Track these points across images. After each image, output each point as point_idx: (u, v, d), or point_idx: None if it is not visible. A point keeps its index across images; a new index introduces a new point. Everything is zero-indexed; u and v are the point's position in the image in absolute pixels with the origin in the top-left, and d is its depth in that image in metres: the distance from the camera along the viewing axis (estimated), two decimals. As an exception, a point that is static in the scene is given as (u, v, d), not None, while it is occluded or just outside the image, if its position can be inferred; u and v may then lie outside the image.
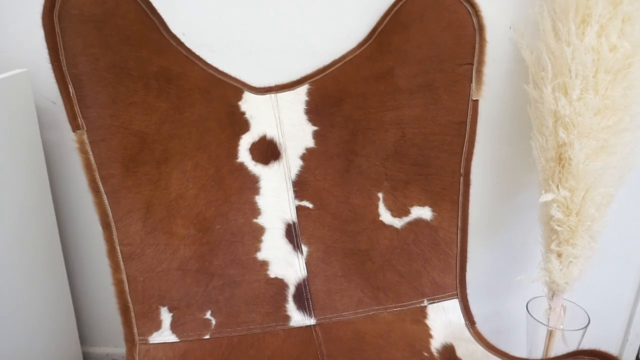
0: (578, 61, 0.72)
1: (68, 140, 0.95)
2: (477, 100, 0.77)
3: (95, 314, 1.12)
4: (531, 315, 0.92)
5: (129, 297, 0.67)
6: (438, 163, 0.79)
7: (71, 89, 0.64)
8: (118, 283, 0.66)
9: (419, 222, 0.79)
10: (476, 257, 1.00)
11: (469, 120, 0.77)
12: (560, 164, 0.82)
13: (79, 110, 0.62)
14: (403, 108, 0.79)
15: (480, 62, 0.75)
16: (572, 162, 0.79)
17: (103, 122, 0.64)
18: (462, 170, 0.77)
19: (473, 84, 0.76)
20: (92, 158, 0.64)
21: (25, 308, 0.89)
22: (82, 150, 0.64)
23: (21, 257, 0.87)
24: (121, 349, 1.13)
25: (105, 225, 0.66)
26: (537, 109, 0.84)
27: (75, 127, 0.63)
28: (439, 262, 0.78)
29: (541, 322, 0.90)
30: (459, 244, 0.78)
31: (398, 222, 0.80)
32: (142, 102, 0.69)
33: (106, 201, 0.65)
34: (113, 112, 0.66)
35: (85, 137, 0.63)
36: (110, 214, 0.66)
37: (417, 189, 0.80)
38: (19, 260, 0.87)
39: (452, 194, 0.78)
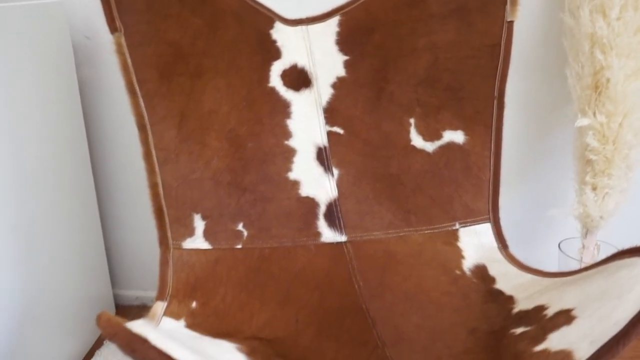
0: (617, -23, 0.71)
1: (103, 77, 0.97)
2: (512, 22, 0.76)
3: (126, 258, 1.13)
4: (564, 253, 0.90)
5: (163, 200, 0.67)
6: (471, 87, 0.78)
7: (109, -6, 0.66)
8: (153, 186, 0.67)
9: (451, 146, 0.78)
10: (506, 199, 0.98)
11: (503, 42, 0.76)
12: (596, 91, 0.81)
13: (117, 13, 0.64)
14: (436, 33, 0.79)
15: (515, -18, 0.74)
16: (609, 85, 0.78)
17: (140, 27, 0.65)
18: (496, 93, 0.77)
19: (508, 5, 0.76)
20: (129, 60, 0.65)
21: (60, 251, 0.91)
22: (120, 52, 0.65)
23: (55, 198, 0.89)
24: (150, 293, 1.14)
25: (141, 127, 0.67)
26: (573, 37, 0.82)
27: (113, 29, 0.64)
28: (471, 186, 0.77)
29: (574, 259, 0.88)
30: (491, 168, 0.77)
31: (430, 146, 0.79)
32: (177, 16, 0.70)
33: (142, 103, 0.66)
34: (149, 19, 0.67)
35: (122, 39, 0.64)
36: (146, 116, 0.67)
37: (449, 113, 0.79)
38: (53, 202, 0.88)
39: (485, 117, 0.78)
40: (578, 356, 0.47)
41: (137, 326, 0.36)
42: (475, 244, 0.76)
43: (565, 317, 0.53)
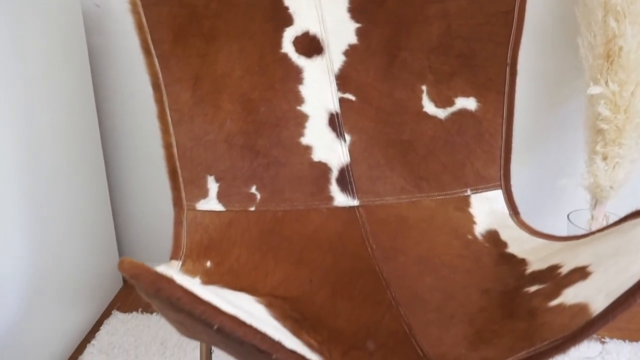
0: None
1: (113, 45, 0.97)
2: (525, -13, 0.76)
3: (134, 231, 1.14)
4: (573, 224, 0.90)
5: (177, 161, 0.67)
6: (484, 54, 0.78)
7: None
8: (167, 146, 0.67)
9: (463, 112, 0.78)
10: (515, 170, 0.98)
11: (517, 8, 0.75)
12: (608, 60, 0.81)
13: (131, -29, 0.63)
14: (449, 0, 0.78)
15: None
16: (622, 53, 0.78)
17: (155, -13, 0.65)
18: (508, 60, 0.76)
19: (522, -29, 0.75)
20: (144, 20, 0.65)
21: (68, 222, 0.91)
22: (135, 12, 0.65)
23: (64, 166, 0.89)
24: (156, 264, 1.14)
25: (156, 87, 0.67)
26: (586, 5, 0.82)
27: (128, -13, 0.64)
28: (483, 153, 0.78)
29: (583, 229, 0.88)
30: (503, 135, 0.77)
31: (442, 113, 0.79)
32: (191, -24, 0.70)
33: (157, 63, 0.66)
34: (164, -21, 0.66)
35: (137, -2, 0.64)
36: (161, 77, 0.67)
37: (461, 80, 0.79)
38: (62, 170, 0.88)
39: (497, 84, 0.77)
40: (593, 308, 0.48)
41: (161, 269, 0.36)
42: (486, 210, 0.76)
43: (580, 273, 0.54)
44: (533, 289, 0.58)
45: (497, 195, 0.77)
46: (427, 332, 0.57)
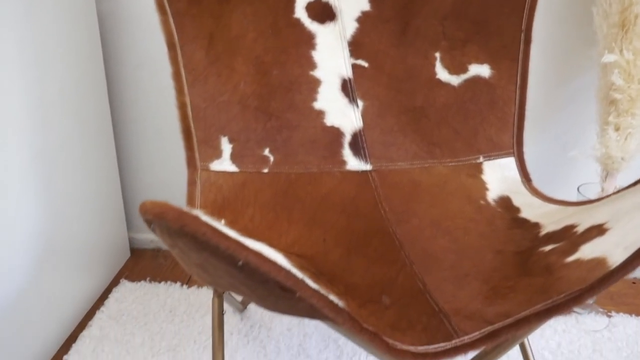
0: None
1: (122, 12, 0.96)
2: (542, -47, 0.75)
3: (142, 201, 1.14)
4: (583, 196, 0.90)
5: (191, 121, 0.67)
6: (498, 21, 0.77)
7: None
8: (182, 106, 0.67)
9: (476, 79, 0.78)
10: (526, 141, 0.98)
11: (532, -26, 0.75)
12: (623, 29, 0.80)
13: None
14: (464, -34, 0.78)
15: None
16: (637, 21, 0.77)
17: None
18: (523, 26, 0.76)
19: (538, -64, 0.74)
20: (159, -23, 0.64)
21: (78, 190, 0.91)
22: (150, -31, 0.64)
23: (74, 132, 0.88)
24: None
25: (171, 46, 0.66)
26: (601, -27, 0.81)
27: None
28: (496, 120, 0.77)
29: (594, 200, 0.88)
30: (517, 103, 0.77)
31: (455, 80, 0.79)
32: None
33: (172, 22, 0.66)
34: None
35: (152, -44, 0.63)
36: (176, 36, 0.66)
37: (475, 47, 0.78)
38: (72, 135, 0.88)
39: (512, 51, 0.77)
40: (612, 262, 0.48)
41: (185, 209, 0.36)
42: (498, 177, 0.76)
43: (597, 230, 0.54)
44: (548, 248, 0.58)
45: (510, 162, 0.77)
46: (442, 288, 0.57)
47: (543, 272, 0.54)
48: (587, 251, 0.52)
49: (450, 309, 0.54)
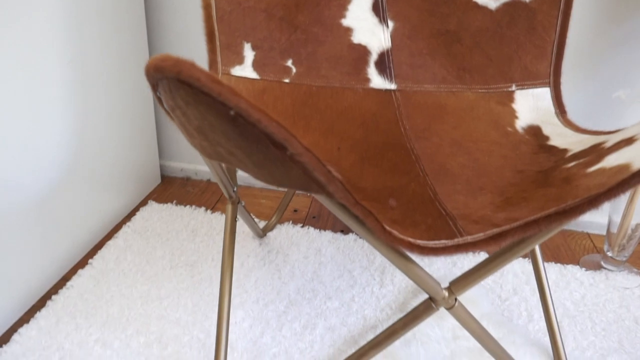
0: None
1: None
2: None
3: (175, 131, 1.16)
4: (625, 141, 0.84)
5: (215, 23, 0.67)
6: (545, -59, 0.72)
7: None
8: (207, 6, 0.67)
9: (516, 3, 0.74)
10: (569, 84, 0.93)
11: None
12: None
13: None
14: None
15: None
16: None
17: None
18: (572, -53, 0.71)
19: None
20: None
21: (112, 114, 0.93)
22: None
23: (109, 42, 0.90)
24: (194, 165, 1.16)
25: (199, -56, 0.66)
26: None
27: None
28: (534, 47, 0.73)
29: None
30: (558, 30, 0.72)
31: (493, 3, 0.75)
32: None
33: None
34: None
35: None
36: None
37: (518, -31, 0.74)
38: (108, 45, 0.89)
39: (557, -26, 0.72)
40: (636, 166, 0.44)
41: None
42: (531, 106, 0.73)
43: (625, 142, 0.50)
44: (572, 164, 0.55)
45: (544, 92, 0.73)
46: (454, 198, 0.55)
47: (561, 183, 0.51)
48: (612, 160, 0.49)
49: (458, 214, 0.52)
